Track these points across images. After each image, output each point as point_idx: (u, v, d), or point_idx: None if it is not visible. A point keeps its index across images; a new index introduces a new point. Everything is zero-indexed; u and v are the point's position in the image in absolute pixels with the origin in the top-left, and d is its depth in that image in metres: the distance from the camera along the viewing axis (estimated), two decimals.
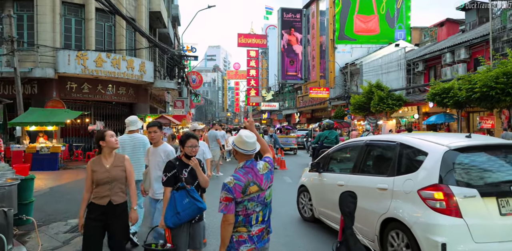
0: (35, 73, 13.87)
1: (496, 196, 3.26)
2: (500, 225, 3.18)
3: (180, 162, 3.23)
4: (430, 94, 17.57)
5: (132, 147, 4.96)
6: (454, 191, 3.21)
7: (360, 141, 4.84)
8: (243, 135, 2.51)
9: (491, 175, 3.46)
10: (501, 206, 3.23)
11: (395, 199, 3.63)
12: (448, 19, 24.84)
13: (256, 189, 2.45)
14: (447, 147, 3.46)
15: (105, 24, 16.07)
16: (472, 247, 3.07)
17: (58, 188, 8.91)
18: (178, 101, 17.08)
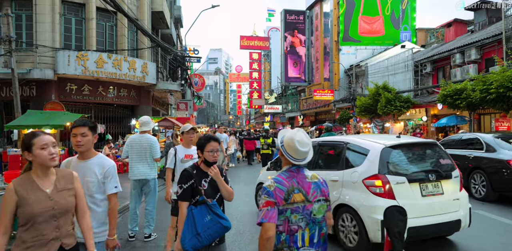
0: (34, 74, 13.38)
1: (418, 182, 4.22)
2: (422, 204, 4.14)
3: (198, 171, 2.69)
4: (441, 96, 17.03)
5: (139, 148, 5.10)
6: (389, 179, 4.10)
7: (313, 142, 5.34)
8: (296, 140, 2.02)
9: (415, 166, 4.42)
10: (422, 190, 4.22)
11: (345, 188, 4.48)
12: (456, 19, 24.34)
13: (302, 198, 2.00)
14: (384, 145, 4.37)
15: (106, 24, 15.60)
16: None
17: None
18: (182, 103, 16.59)
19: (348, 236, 4.38)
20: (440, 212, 4.23)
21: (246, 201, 7.60)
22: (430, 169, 4.42)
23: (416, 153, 4.63)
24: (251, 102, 57.04)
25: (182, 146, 4.34)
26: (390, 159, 4.30)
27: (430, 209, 4.19)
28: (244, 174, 12.29)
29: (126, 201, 7.49)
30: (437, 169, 4.44)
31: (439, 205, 4.24)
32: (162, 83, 17.29)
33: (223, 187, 2.68)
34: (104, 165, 2.76)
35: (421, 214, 4.09)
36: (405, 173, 4.27)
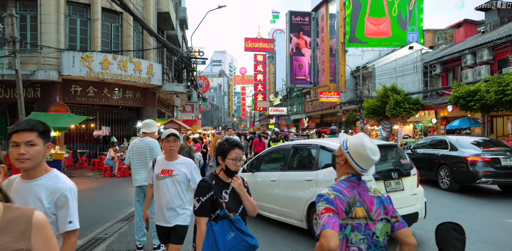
0: (38, 75, 13.14)
1: (383, 180, 4.70)
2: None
3: (218, 181, 2.35)
4: (453, 97, 16.61)
5: (140, 151, 4.82)
6: None
7: (287, 145, 5.98)
8: (368, 147, 1.69)
9: (380, 165, 4.76)
10: (387, 186, 4.69)
11: (319, 187, 4.76)
12: (465, 20, 23.93)
13: (363, 214, 1.68)
14: None
15: (112, 25, 15.37)
16: None
17: None
18: (188, 105, 16.28)
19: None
20: (402, 206, 4.66)
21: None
22: (392, 168, 5.03)
23: (380, 154, 4.85)
24: (256, 104, 56.71)
25: (163, 158, 3.39)
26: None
27: (393, 203, 4.31)
28: None
29: (132, 207, 7.18)
30: (399, 168, 5.04)
31: (401, 200, 4.68)
32: (168, 84, 17.01)
33: (247, 199, 2.34)
34: (56, 189, 1.87)
35: None
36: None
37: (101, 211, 6.84)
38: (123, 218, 6.19)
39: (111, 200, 8.01)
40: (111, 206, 7.35)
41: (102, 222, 5.91)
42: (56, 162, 11.80)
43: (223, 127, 73.93)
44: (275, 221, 5.74)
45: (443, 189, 8.99)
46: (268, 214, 5.78)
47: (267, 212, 5.77)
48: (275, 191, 5.52)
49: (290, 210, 5.22)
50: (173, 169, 3.28)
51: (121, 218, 6.19)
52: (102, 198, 8.20)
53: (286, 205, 5.31)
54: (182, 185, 3.30)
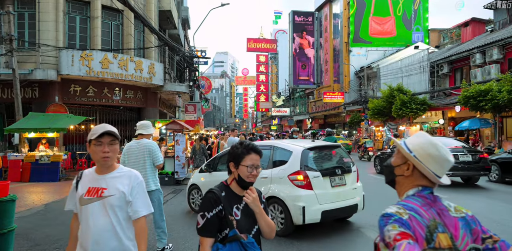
0: (36, 75, 12.76)
1: (329, 176, 5.22)
2: (332, 193, 5.20)
3: (229, 193, 1.89)
4: (462, 97, 16.16)
5: (137, 155, 4.46)
6: (308, 174, 5.04)
7: None
8: (440, 146, 1.25)
9: (326, 163, 5.45)
10: (332, 181, 5.24)
11: (273, 183, 5.28)
12: (473, 18, 23.44)
13: (448, 243, 1.20)
14: (303, 147, 5.30)
15: (112, 23, 14.97)
16: (318, 207, 4.99)
17: (54, 205, 7.64)
18: (190, 105, 15.85)
19: (276, 222, 5.23)
20: (344, 198, 5.39)
21: None
22: (337, 166, 5.60)
23: (326, 153, 5.80)
24: (258, 105, 56.29)
25: (92, 171, 2.16)
26: (308, 158, 5.32)
27: (337, 196, 5.34)
28: None
29: None
30: (342, 166, 5.61)
31: (343, 193, 5.41)
32: (169, 84, 16.59)
33: (263, 219, 1.88)
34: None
35: (331, 200, 5.24)
36: (319, 169, 5.32)
37: None
38: None
39: None
40: None
41: None
42: (54, 164, 11.42)
43: (225, 128, 73.51)
44: None
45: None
46: None
47: None
48: None
49: None
50: (105, 186, 2.07)
51: None
52: None
53: None
54: (119, 213, 2.06)
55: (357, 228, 5.58)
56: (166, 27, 19.19)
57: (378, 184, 9.54)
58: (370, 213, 6.09)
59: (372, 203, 6.43)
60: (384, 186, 1.54)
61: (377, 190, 8.17)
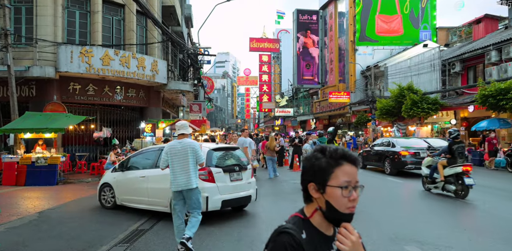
0: (33, 72, 12.06)
1: (229, 172, 6.36)
2: (230, 186, 6.30)
3: (311, 233, 1.16)
4: (480, 96, 15.43)
5: (181, 153, 4.65)
6: (212, 170, 6.11)
7: (155, 148, 7.14)
8: None
9: (227, 161, 6.57)
10: (231, 177, 6.38)
11: None
12: (486, 15, 22.69)
13: None
14: (208, 148, 6.39)
15: (113, 18, 14.27)
16: (219, 197, 6.03)
17: (50, 213, 6.92)
18: (195, 104, 15.14)
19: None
20: (241, 190, 6.40)
21: None
22: (235, 164, 6.58)
23: (228, 153, 6.75)
24: (261, 106, 55.56)
25: None
26: (213, 157, 6.25)
27: (235, 189, 6.31)
28: (273, 184, 10.80)
29: (135, 223, 6.04)
30: (239, 164, 6.62)
31: (240, 186, 6.41)
32: (173, 82, 15.88)
33: None
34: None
35: (230, 192, 6.19)
36: (221, 166, 6.28)
37: (97, 228, 5.70)
38: (124, 239, 5.03)
39: (108, 213, 6.86)
40: (109, 221, 6.21)
41: (97, 245, 4.75)
42: (51, 166, 10.72)
43: (226, 128, 72.81)
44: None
45: (386, 174, 12.66)
46: (136, 205, 6.71)
47: (136, 204, 6.73)
48: (144, 185, 6.51)
49: (158, 199, 6.27)
50: None
51: (122, 239, 5.04)
52: (99, 211, 7.05)
53: (154, 196, 6.35)
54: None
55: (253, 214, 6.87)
56: (169, 23, 18.48)
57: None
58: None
59: None
60: None
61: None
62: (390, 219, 6.20)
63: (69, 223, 6.01)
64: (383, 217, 6.35)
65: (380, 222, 5.96)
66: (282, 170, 13.73)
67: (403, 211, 7.06)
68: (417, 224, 5.77)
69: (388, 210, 7.01)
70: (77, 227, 5.74)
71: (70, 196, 9.02)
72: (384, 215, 6.53)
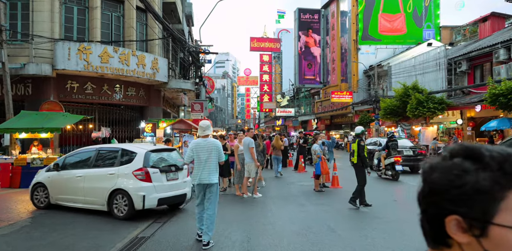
0: (29, 69, 11.61)
1: (165, 172, 6.71)
2: (167, 185, 6.64)
3: None
4: (490, 95, 14.99)
5: (207, 151, 5.08)
6: (149, 170, 6.42)
7: (92, 148, 7.40)
8: None
9: (164, 162, 6.92)
10: (167, 176, 6.72)
11: (120, 178, 6.49)
12: (493, 13, 22.27)
13: None
14: (146, 150, 6.72)
15: (113, 14, 13.83)
16: (155, 195, 6.35)
17: (43, 218, 6.48)
18: (197, 103, 14.68)
19: (120, 209, 6.34)
20: (176, 189, 6.78)
21: (303, 233, 5.61)
22: (172, 164, 6.90)
23: (165, 154, 7.10)
24: (262, 106, 55.09)
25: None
26: (150, 158, 6.56)
27: (171, 187, 6.67)
28: (279, 186, 10.35)
29: (135, 230, 5.59)
30: (176, 164, 6.94)
31: (176, 185, 6.79)
32: (174, 81, 15.43)
33: None
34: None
35: (166, 190, 6.55)
36: (158, 166, 6.60)
37: (94, 236, 5.24)
38: (122, 249, 4.58)
39: (107, 218, 6.40)
40: (107, 228, 5.75)
41: None
42: None
43: (227, 129, 72.37)
44: None
45: (373, 170, 12.84)
46: (72, 204, 6.86)
47: (72, 203, 6.89)
48: (81, 185, 6.72)
49: (95, 198, 6.52)
50: None
51: (120, 249, 4.58)
52: (97, 217, 6.59)
53: (90, 195, 6.60)
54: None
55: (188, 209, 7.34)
56: (170, 21, 17.99)
57: None
58: None
59: None
60: None
61: None
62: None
63: (63, 230, 5.56)
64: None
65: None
66: (287, 171, 13.29)
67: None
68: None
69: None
70: (72, 235, 5.29)
71: None
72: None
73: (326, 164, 8.78)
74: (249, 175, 8.29)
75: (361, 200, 6.87)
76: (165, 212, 6.92)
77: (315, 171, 8.68)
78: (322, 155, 8.72)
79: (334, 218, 6.07)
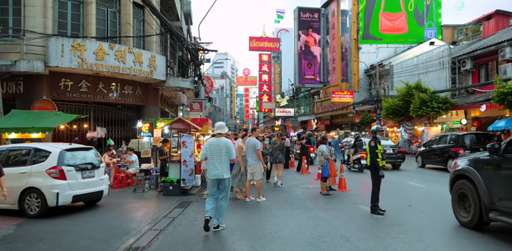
0: (20, 66, 11.09)
1: (81, 170, 7.08)
2: (82, 182, 7.03)
3: None
4: (498, 94, 14.57)
5: (219, 150, 5.55)
6: (64, 169, 6.71)
7: (3, 148, 7.56)
8: None
9: (80, 160, 7.19)
10: (83, 174, 7.09)
11: (32, 177, 6.69)
12: (497, 11, 21.86)
13: None
14: (61, 149, 7.01)
15: (108, 10, 13.32)
16: (70, 192, 6.72)
17: (30, 225, 5.96)
18: (196, 102, 14.19)
19: (32, 207, 6.59)
20: (93, 186, 7.27)
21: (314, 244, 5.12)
22: (88, 162, 7.36)
23: (81, 153, 7.41)
24: (261, 106, 54.59)
25: None
26: (65, 157, 6.91)
27: (87, 185, 7.14)
28: (284, 189, 9.86)
29: (130, 238, 5.09)
30: (92, 163, 7.43)
31: (92, 183, 7.26)
32: (172, 79, 14.92)
33: None
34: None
35: (81, 188, 7.01)
36: (73, 164, 6.98)
37: (84, 246, 4.74)
38: None
39: (100, 226, 5.91)
40: (100, 237, 5.25)
41: None
42: None
43: None
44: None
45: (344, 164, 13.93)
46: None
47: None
48: None
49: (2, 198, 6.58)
50: None
51: None
52: (88, 223, 6.09)
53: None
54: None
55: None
56: (168, 18, 17.51)
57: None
58: None
59: None
60: None
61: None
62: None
63: (50, 239, 5.05)
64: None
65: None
66: (290, 173, 12.81)
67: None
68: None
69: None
70: (58, 246, 4.78)
71: None
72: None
73: (334, 165, 8.30)
74: (252, 178, 7.80)
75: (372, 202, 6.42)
76: (161, 218, 6.41)
77: (323, 173, 8.19)
78: (329, 156, 8.24)
79: (347, 226, 5.58)
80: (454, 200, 5.69)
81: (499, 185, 4.73)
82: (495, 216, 4.75)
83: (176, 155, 9.38)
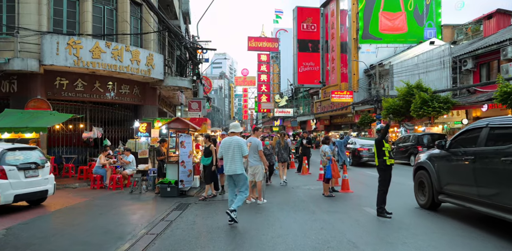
0: (14, 65, 10.80)
1: (24, 169, 7.04)
2: (25, 182, 7.04)
3: None
4: (501, 93, 14.38)
5: (232, 148, 5.99)
6: (5, 168, 6.73)
7: None
8: None
9: (23, 160, 7.28)
10: (26, 173, 7.10)
11: None
12: (498, 10, 21.69)
13: None
14: (2, 148, 7.00)
15: (105, 8, 13.04)
16: (11, 192, 6.74)
17: (20, 229, 5.68)
18: (194, 102, 13.92)
19: None
20: (37, 186, 7.32)
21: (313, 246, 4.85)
22: (32, 162, 7.38)
23: (24, 152, 7.49)
24: (259, 106, 54.37)
25: None
26: (7, 156, 6.99)
27: (30, 184, 7.17)
28: (285, 191, 9.60)
29: (126, 243, 4.83)
30: (37, 162, 7.47)
31: (36, 182, 7.31)
32: (170, 78, 14.64)
33: None
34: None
35: (24, 187, 7.03)
36: (15, 164, 7.03)
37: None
38: None
39: (94, 229, 5.64)
40: (93, 242, 4.98)
41: None
42: None
43: (224, 129, 71.53)
44: None
45: (351, 165, 15.41)
46: None
47: None
48: None
49: None
50: None
51: None
52: (82, 227, 5.82)
53: None
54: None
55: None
56: (166, 16, 17.23)
57: None
58: None
59: None
60: None
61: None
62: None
63: (40, 245, 4.78)
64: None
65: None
66: (290, 174, 12.55)
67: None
68: None
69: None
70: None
71: (51, 205, 7.77)
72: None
73: (337, 166, 8.04)
74: (253, 179, 7.54)
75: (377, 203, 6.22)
76: (158, 221, 6.15)
77: (325, 174, 7.93)
78: (332, 156, 7.98)
79: (353, 230, 5.33)
80: (415, 186, 6.94)
81: (445, 173, 5.97)
82: (442, 198, 5.95)
83: (174, 156, 9.11)
